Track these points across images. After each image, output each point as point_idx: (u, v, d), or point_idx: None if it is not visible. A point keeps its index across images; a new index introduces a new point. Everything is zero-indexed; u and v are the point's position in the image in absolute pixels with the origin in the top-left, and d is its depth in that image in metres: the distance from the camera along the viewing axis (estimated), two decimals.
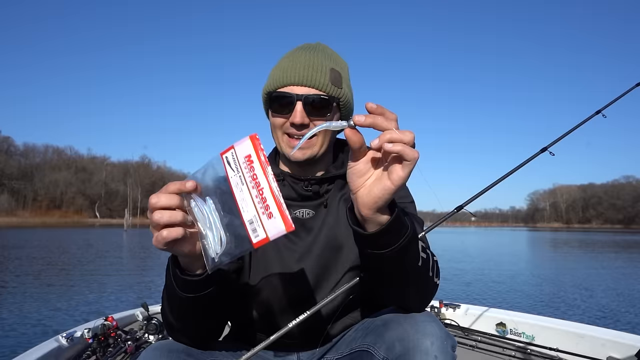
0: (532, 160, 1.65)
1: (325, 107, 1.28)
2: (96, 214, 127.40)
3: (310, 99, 1.26)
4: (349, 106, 1.36)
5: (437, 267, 1.13)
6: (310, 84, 1.26)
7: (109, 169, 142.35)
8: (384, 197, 0.89)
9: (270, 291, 1.34)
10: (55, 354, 2.44)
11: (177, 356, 1.11)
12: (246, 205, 0.85)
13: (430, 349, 1.00)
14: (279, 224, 0.82)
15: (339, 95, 1.31)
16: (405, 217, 0.99)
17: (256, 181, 0.84)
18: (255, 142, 0.86)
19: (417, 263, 1.04)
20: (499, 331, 3.25)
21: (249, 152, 0.86)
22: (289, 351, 1.39)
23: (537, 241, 47.22)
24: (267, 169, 0.84)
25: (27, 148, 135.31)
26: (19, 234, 44.57)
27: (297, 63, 1.29)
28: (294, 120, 1.25)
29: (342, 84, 1.32)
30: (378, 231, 0.95)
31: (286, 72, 1.28)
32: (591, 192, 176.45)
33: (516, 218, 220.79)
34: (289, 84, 1.27)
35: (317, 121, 1.28)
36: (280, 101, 1.28)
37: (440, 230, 13.13)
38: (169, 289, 1.08)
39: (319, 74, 1.28)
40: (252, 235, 0.84)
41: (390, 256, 0.98)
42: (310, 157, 1.31)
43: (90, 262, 17.95)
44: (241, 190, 0.86)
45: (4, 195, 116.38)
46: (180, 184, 0.90)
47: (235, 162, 0.87)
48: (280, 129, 1.31)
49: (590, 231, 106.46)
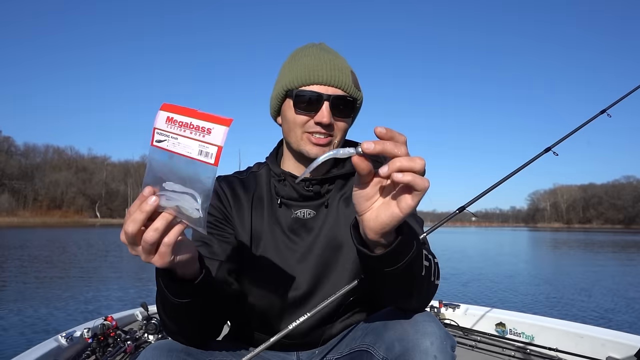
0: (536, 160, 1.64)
1: (349, 109, 1.31)
2: (97, 214, 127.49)
3: (339, 99, 1.28)
4: (360, 109, 1.40)
5: (437, 270, 1.13)
6: (337, 84, 1.28)
7: (109, 168, 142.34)
8: (392, 224, 0.86)
9: (271, 291, 1.34)
10: (55, 353, 2.45)
11: (176, 356, 1.11)
12: (189, 147, 0.84)
13: (429, 349, 1.00)
14: (218, 128, 0.81)
15: (358, 98, 1.34)
16: (410, 234, 0.97)
17: (184, 124, 0.84)
18: (166, 106, 0.87)
19: (420, 273, 1.03)
20: (498, 331, 3.25)
21: (166, 116, 0.86)
22: (288, 351, 1.39)
23: (537, 241, 47.22)
24: (186, 110, 0.85)
25: (28, 148, 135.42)
26: (20, 233, 44.57)
27: (322, 62, 1.30)
28: (322, 120, 1.26)
29: (359, 86, 1.36)
30: (383, 254, 0.93)
31: (311, 70, 1.29)
32: (592, 192, 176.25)
33: (517, 218, 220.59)
34: (315, 82, 1.28)
35: (340, 122, 1.30)
36: (306, 100, 1.28)
37: (441, 230, 13.13)
38: (162, 296, 1.06)
39: (343, 75, 1.30)
40: (207, 158, 0.82)
41: (394, 273, 0.97)
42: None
43: (90, 262, 17.93)
44: (179, 144, 0.85)
45: (5, 195, 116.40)
46: (140, 204, 0.86)
47: (162, 134, 0.87)
48: (301, 128, 1.30)
49: (591, 231, 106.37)
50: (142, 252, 0.89)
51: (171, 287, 1.02)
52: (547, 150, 1.66)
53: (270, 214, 1.37)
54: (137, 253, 0.90)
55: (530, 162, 1.62)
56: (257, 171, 1.46)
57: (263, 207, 1.39)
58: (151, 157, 0.88)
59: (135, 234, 0.87)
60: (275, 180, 1.40)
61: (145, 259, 0.90)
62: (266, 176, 1.43)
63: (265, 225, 1.36)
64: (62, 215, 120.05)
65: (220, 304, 1.19)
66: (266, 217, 1.37)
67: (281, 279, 1.33)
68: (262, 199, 1.40)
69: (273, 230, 1.36)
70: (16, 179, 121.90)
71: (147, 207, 0.85)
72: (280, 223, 1.36)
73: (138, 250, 0.89)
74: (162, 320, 1.16)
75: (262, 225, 1.36)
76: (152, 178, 0.88)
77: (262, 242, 1.35)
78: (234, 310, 1.35)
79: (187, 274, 1.01)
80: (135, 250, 0.90)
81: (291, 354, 1.39)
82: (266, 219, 1.37)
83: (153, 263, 0.91)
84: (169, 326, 1.15)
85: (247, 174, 1.46)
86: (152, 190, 0.86)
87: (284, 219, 1.36)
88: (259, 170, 1.46)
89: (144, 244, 0.87)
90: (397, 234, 0.93)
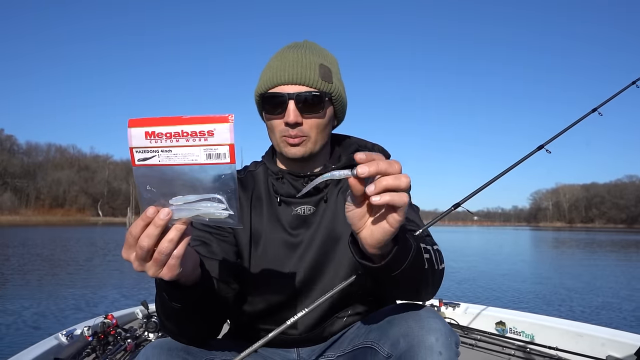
0: (530, 158, 1.64)
1: (317, 104, 1.27)
2: (99, 212, 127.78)
3: (302, 96, 1.25)
4: (341, 100, 1.36)
5: (439, 255, 1.14)
6: (300, 81, 1.26)
7: (111, 167, 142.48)
8: (386, 238, 0.89)
9: (271, 288, 1.34)
10: (55, 351, 2.45)
11: (176, 354, 1.11)
12: (192, 154, 0.81)
13: (434, 345, 1.01)
14: (220, 127, 0.79)
15: (330, 91, 1.30)
16: (409, 239, 1.00)
17: (173, 134, 0.80)
18: (137, 121, 0.81)
19: (423, 267, 1.04)
20: (498, 330, 3.25)
21: (144, 131, 0.81)
22: (289, 347, 1.39)
23: (538, 240, 47.16)
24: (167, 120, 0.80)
25: (30, 147, 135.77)
26: (22, 232, 44.64)
27: (285, 62, 1.28)
28: (288, 120, 1.25)
29: (332, 78, 1.31)
30: (384, 264, 0.95)
31: (276, 72, 1.28)
32: (594, 191, 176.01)
33: (519, 217, 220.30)
34: (279, 83, 1.27)
35: (310, 119, 1.28)
36: (272, 102, 1.27)
37: (443, 229, 12.90)
38: (162, 300, 1.06)
39: (308, 70, 1.27)
40: (220, 159, 0.81)
41: (398, 276, 0.99)
42: (306, 154, 1.31)
43: (91, 260, 17.98)
44: (176, 155, 0.81)
45: (7, 193, 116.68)
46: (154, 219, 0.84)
47: (146, 151, 0.82)
48: (277, 132, 1.30)
49: (593, 231, 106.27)
50: (153, 266, 0.88)
51: (173, 295, 1.02)
52: (540, 147, 1.66)
53: (270, 213, 1.37)
54: (144, 269, 0.89)
55: (523, 160, 1.62)
56: (255, 170, 1.46)
57: (262, 205, 1.39)
58: (139, 177, 0.84)
59: (150, 249, 0.86)
60: (273, 178, 1.40)
61: (153, 273, 0.89)
62: (264, 175, 1.43)
63: (265, 224, 1.36)
64: (64, 213, 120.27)
65: (220, 304, 1.19)
66: (266, 216, 1.37)
67: (281, 276, 1.33)
68: (260, 198, 1.40)
69: (273, 229, 1.36)
70: (18, 178, 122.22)
71: (160, 221, 0.84)
72: (281, 221, 1.36)
73: (146, 266, 0.89)
74: (162, 322, 1.16)
75: (262, 224, 1.36)
76: (149, 196, 0.85)
77: (262, 241, 1.35)
78: (233, 309, 1.35)
79: (189, 281, 1.02)
80: (143, 267, 0.89)
81: (292, 350, 1.39)
82: (266, 217, 1.37)
83: (161, 277, 0.90)
84: (169, 328, 1.15)
85: (244, 173, 1.46)
86: (155, 209, 0.84)
87: (285, 217, 1.36)
88: (256, 169, 1.46)
89: (157, 255, 0.86)
90: (394, 242, 0.95)
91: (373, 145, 1.48)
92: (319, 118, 1.29)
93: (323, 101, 1.28)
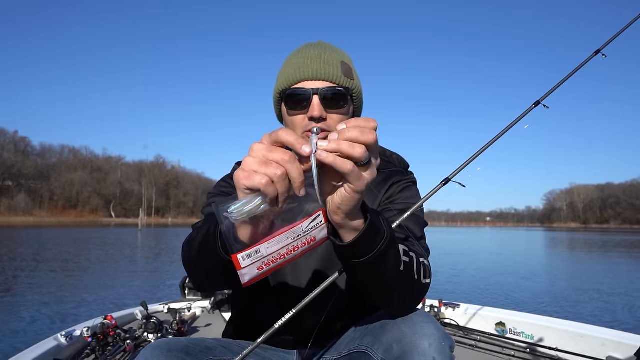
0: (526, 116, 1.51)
1: (341, 100, 1.28)
2: (111, 213, 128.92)
3: (328, 91, 1.26)
4: (360, 98, 1.37)
5: (424, 268, 1.11)
6: (323, 77, 1.27)
7: (124, 169, 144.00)
8: (345, 205, 0.86)
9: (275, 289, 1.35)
10: (54, 352, 2.46)
11: (176, 355, 1.10)
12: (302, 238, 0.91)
13: (428, 350, 1.00)
14: (318, 216, 0.89)
15: (352, 87, 1.31)
16: (382, 224, 0.96)
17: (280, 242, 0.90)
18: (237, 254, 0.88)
19: (398, 268, 1.01)
20: (498, 331, 3.23)
21: (246, 254, 0.89)
22: (289, 349, 1.40)
23: (549, 242, 46.67)
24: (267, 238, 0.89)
25: (44, 148, 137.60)
26: (33, 233, 45.01)
27: (307, 59, 1.29)
28: (313, 114, 1.25)
29: (353, 75, 1.33)
30: (353, 241, 0.92)
31: (298, 69, 1.29)
32: (609, 191, 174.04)
33: (532, 218, 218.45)
34: (302, 79, 1.28)
35: (334, 114, 1.28)
36: (296, 98, 1.28)
37: (454, 230, 12.66)
38: (207, 252, 1.03)
39: (331, 67, 1.28)
40: (319, 221, 0.90)
41: (368, 263, 0.96)
42: None
43: (91, 261, 18.06)
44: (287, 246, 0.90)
45: (21, 195, 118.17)
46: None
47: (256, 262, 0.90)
48: (299, 127, 1.30)
49: (609, 232, 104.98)
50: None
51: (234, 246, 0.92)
52: (537, 104, 1.54)
53: None
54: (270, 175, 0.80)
55: (520, 118, 1.49)
56: None
57: None
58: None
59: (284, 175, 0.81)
60: None
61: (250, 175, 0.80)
62: None
63: None
64: (77, 215, 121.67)
65: None
66: None
67: (284, 277, 1.34)
68: None
69: None
70: (32, 179, 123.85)
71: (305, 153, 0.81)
72: None
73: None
74: (193, 273, 1.17)
75: None
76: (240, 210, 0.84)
77: None
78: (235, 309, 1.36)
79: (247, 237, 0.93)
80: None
81: (292, 352, 1.40)
82: None
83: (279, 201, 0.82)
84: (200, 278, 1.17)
85: None
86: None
87: None
88: None
89: (267, 166, 0.80)
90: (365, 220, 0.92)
91: (392, 154, 1.50)
92: (342, 114, 1.30)
93: (346, 97, 1.30)
